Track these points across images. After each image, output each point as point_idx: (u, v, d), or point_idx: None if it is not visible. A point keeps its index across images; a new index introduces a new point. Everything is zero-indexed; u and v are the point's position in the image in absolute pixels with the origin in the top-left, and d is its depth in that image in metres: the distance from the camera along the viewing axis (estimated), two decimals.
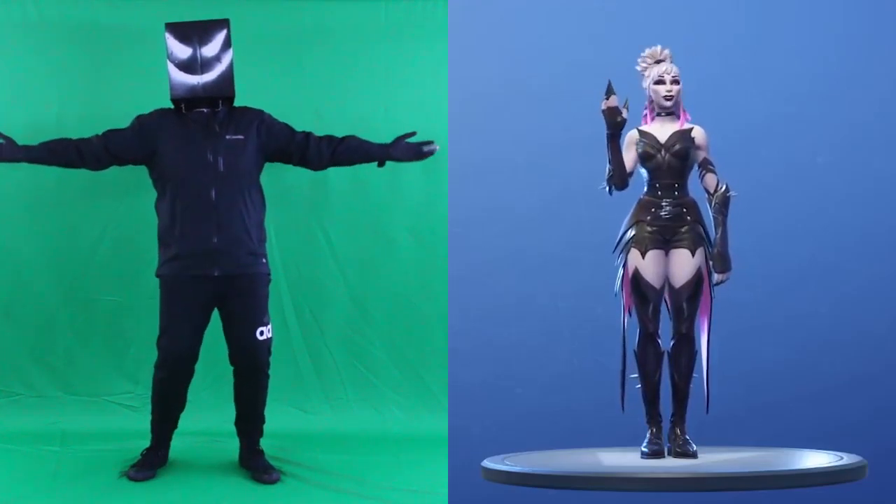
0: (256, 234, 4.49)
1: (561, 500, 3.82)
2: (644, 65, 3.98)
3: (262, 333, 4.45)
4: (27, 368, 5.22)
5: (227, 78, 4.39)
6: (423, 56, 5.24)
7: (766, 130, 4.56)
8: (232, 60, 4.39)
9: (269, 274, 4.58)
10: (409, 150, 4.61)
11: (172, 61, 4.36)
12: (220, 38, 4.39)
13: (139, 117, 4.51)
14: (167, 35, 4.36)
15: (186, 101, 4.41)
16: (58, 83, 5.12)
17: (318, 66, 5.25)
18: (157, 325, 4.53)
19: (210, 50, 4.37)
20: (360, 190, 5.33)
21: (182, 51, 4.35)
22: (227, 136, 4.42)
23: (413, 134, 4.61)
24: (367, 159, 4.66)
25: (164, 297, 4.47)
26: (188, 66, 4.35)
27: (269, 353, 4.53)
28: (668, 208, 3.95)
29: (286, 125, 4.62)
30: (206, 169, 4.36)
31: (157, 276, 4.49)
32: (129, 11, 5.11)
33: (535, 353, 4.61)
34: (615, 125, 3.86)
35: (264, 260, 4.54)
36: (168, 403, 4.53)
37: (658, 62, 3.97)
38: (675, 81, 3.95)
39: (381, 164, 4.66)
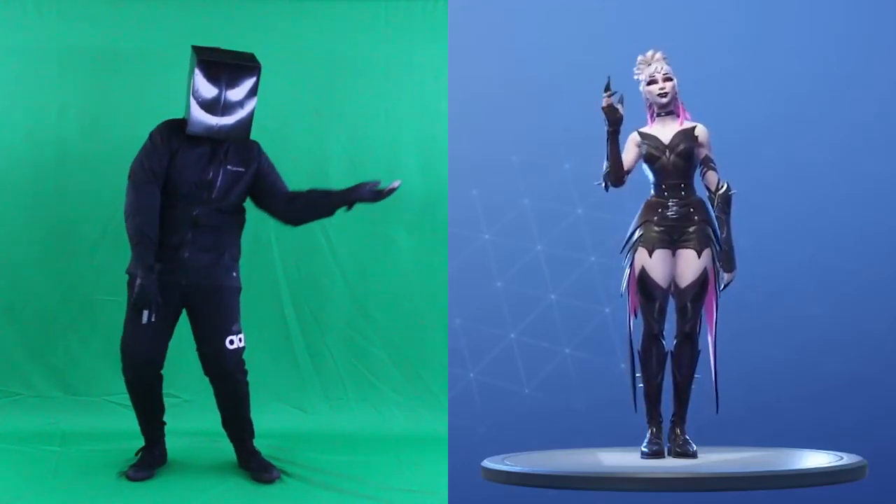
0: (231, 252, 4.43)
1: (561, 500, 3.82)
2: (638, 71, 4.02)
3: (231, 343, 4.38)
4: (27, 368, 5.21)
5: (246, 125, 4.29)
6: (423, 56, 5.24)
7: (766, 130, 4.57)
8: (254, 108, 4.28)
9: (239, 288, 4.47)
10: (370, 191, 4.42)
11: (196, 98, 4.24)
12: (247, 84, 4.28)
13: (153, 137, 4.32)
14: (196, 70, 4.24)
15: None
16: (58, 88, 5.12)
17: (319, 67, 5.25)
18: None
19: (235, 94, 4.26)
20: None
21: (208, 90, 4.24)
22: (230, 167, 4.35)
23: (377, 183, 4.43)
24: (330, 210, 4.49)
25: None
26: (210, 106, 4.24)
27: (241, 361, 4.45)
28: (674, 208, 3.95)
29: (277, 179, 4.48)
30: (200, 192, 4.30)
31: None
32: (128, 18, 5.12)
33: (535, 353, 4.61)
34: (615, 121, 3.87)
35: (235, 274, 4.42)
36: (143, 404, 4.50)
37: (649, 65, 4.00)
38: (667, 79, 3.97)
39: (349, 208, 4.48)
